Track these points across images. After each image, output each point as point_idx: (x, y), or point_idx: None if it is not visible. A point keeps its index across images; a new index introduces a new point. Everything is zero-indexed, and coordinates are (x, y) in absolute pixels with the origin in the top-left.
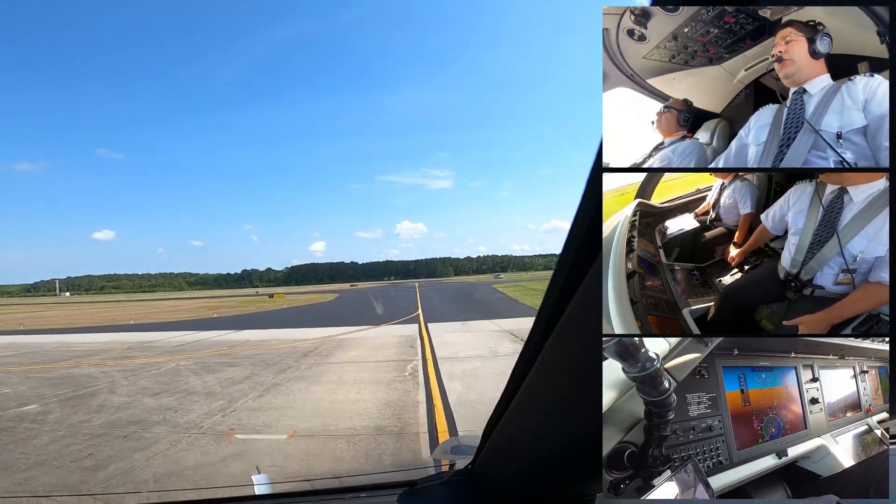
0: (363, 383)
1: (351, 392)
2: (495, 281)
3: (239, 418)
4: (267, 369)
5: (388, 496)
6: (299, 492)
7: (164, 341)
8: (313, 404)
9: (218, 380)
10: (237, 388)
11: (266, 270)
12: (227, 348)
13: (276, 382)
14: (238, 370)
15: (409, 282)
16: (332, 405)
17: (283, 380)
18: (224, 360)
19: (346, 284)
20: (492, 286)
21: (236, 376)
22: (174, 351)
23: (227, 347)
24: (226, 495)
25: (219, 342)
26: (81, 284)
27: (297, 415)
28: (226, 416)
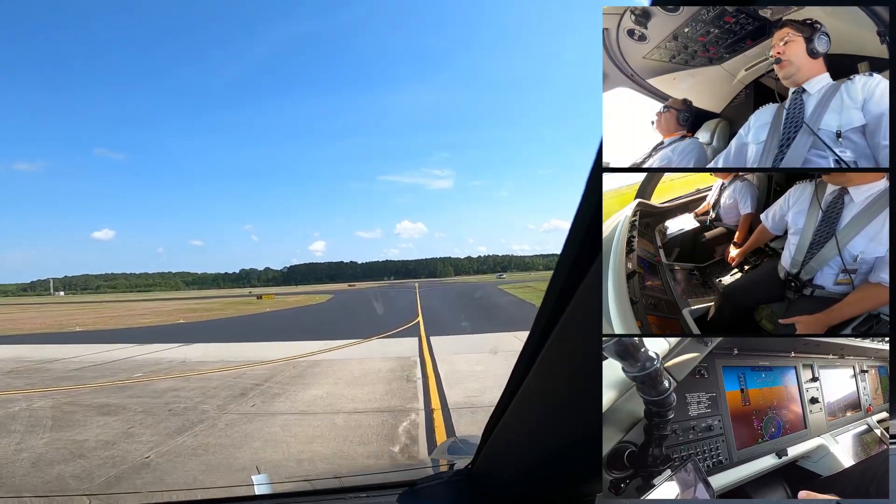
0: None
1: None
2: (499, 281)
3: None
4: (143, 432)
5: (388, 496)
6: (299, 492)
7: (68, 359)
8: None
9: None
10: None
11: (265, 270)
12: (128, 378)
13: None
14: (79, 433)
15: (409, 282)
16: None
17: (153, 458)
18: (95, 403)
19: (348, 284)
20: (497, 287)
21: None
22: (64, 377)
23: (132, 376)
24: (226, 495)
25: (138, 364)
26: (78, 284)
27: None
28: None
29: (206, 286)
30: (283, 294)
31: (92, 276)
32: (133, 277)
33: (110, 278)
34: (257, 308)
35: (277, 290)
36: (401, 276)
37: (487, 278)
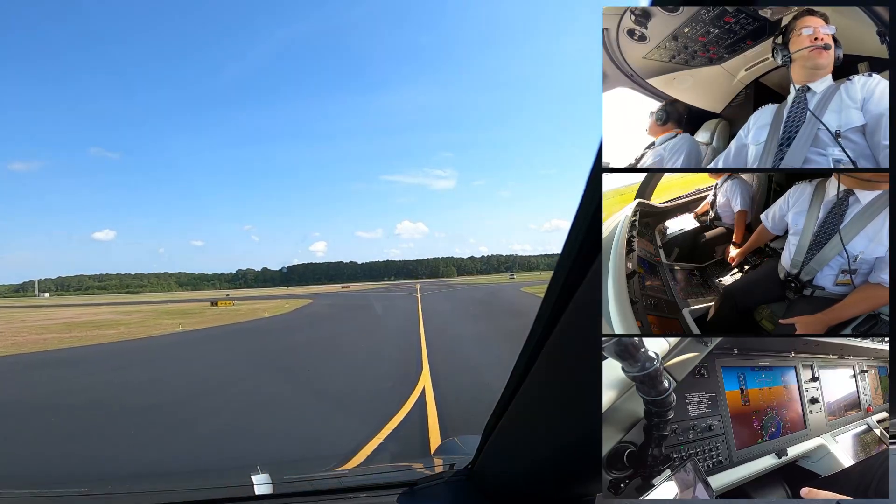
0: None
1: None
2: (518, 283)
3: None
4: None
5: (388, 496)
6: (299, 492)
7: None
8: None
9: None
10: None
11: (262, 270)
12: None
13: None
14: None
15: (410, 282)
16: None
17: None
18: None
19: (342, 286)
20: (520, 290)
21: None
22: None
23: None
24: (226, 496)
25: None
26: (72, 285)
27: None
28: None
29: (201, 286)
30: (252, 298)
31: (86, 277)
32: (128, 278)
33: (105, 279)
34: (200, 321)
35: (246, 294)
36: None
37: (498, 278)
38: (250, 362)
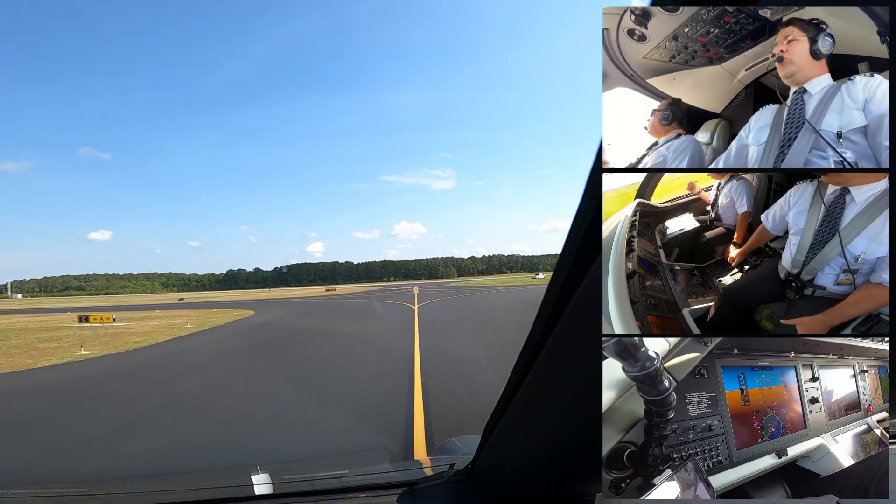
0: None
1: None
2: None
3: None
4: None
5: (388, 496)
6: (299, 492)
7: None
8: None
9: None
10: None
11: (254, 271)
12: None
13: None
14: None
15: (407, 284)
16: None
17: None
18: None
19: (325, 289)
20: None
21: None
22: None
23: None
24: (226, 496)
25: None
26: (56, 285)
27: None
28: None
29: (191, 288)
30: (189, 307)
31: (70, 277)
32: (116, 278)
33: (91, 279)
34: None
35: (201, 299)
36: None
37: (514, 279)
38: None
